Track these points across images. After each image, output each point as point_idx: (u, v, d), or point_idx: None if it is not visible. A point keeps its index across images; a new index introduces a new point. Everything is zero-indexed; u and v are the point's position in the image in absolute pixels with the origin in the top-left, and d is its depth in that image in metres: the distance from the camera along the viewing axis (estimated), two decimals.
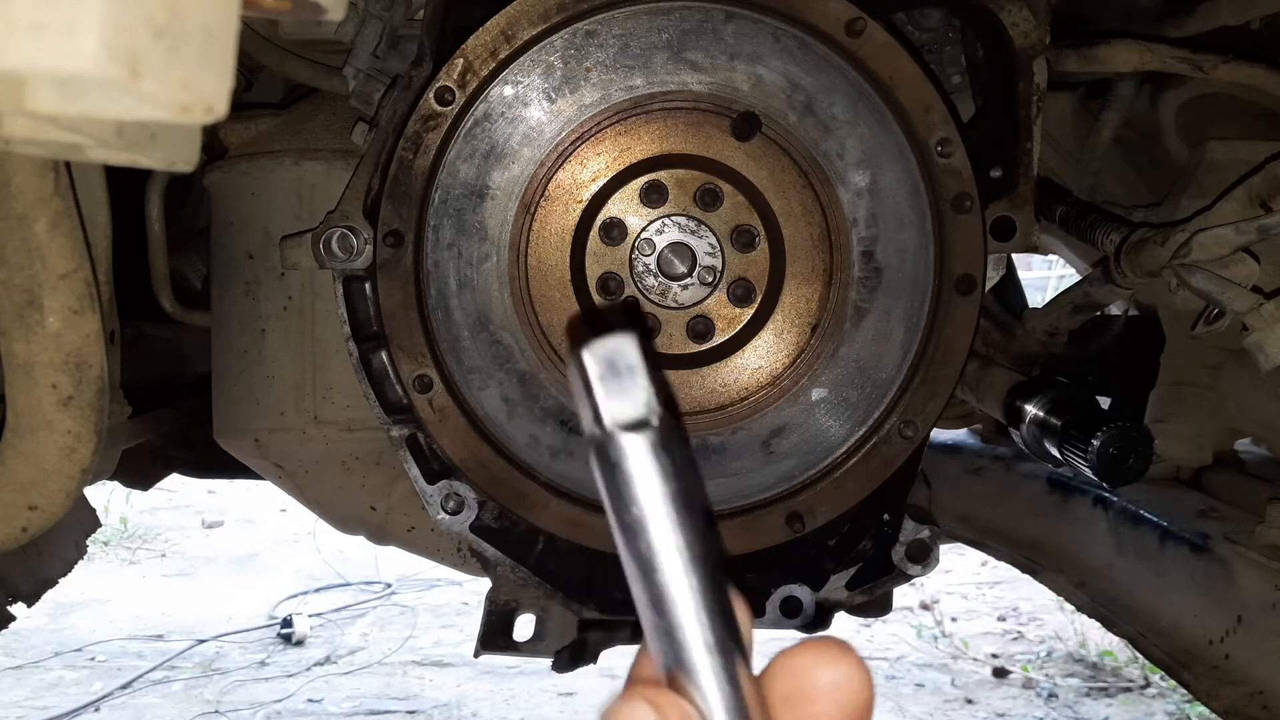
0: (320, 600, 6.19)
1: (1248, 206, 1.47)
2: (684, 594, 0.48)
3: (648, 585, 0.49)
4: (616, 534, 0.49)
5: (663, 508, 0.48)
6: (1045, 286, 6.93)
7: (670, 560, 0.48)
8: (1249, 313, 1.39)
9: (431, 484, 1.35)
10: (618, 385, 0.48)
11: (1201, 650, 1.76)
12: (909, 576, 1.37)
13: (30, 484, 1.40)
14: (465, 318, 1.30)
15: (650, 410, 0.48)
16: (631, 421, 0.48)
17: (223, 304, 1.75)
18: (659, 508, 0.48)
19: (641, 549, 0.48)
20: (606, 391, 0.48)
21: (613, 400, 0.48)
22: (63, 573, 2.46)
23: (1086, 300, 1.68)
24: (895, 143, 1.28)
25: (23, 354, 1.34)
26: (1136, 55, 1.56)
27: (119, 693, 4.97)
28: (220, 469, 2.22)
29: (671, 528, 0.48)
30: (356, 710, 4.82)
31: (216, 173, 1.74)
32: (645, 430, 0.48)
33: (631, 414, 0.48)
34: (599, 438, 0.48)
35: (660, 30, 1.26)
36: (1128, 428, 1.27)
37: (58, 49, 0.51)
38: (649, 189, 1.30)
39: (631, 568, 0.49)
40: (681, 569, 0.48)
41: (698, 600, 0.48)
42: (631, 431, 0.48)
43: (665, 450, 0.48)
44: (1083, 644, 5.35)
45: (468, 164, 1.27)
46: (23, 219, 1.28)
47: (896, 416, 1.31)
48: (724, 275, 1.31)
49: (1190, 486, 2.09)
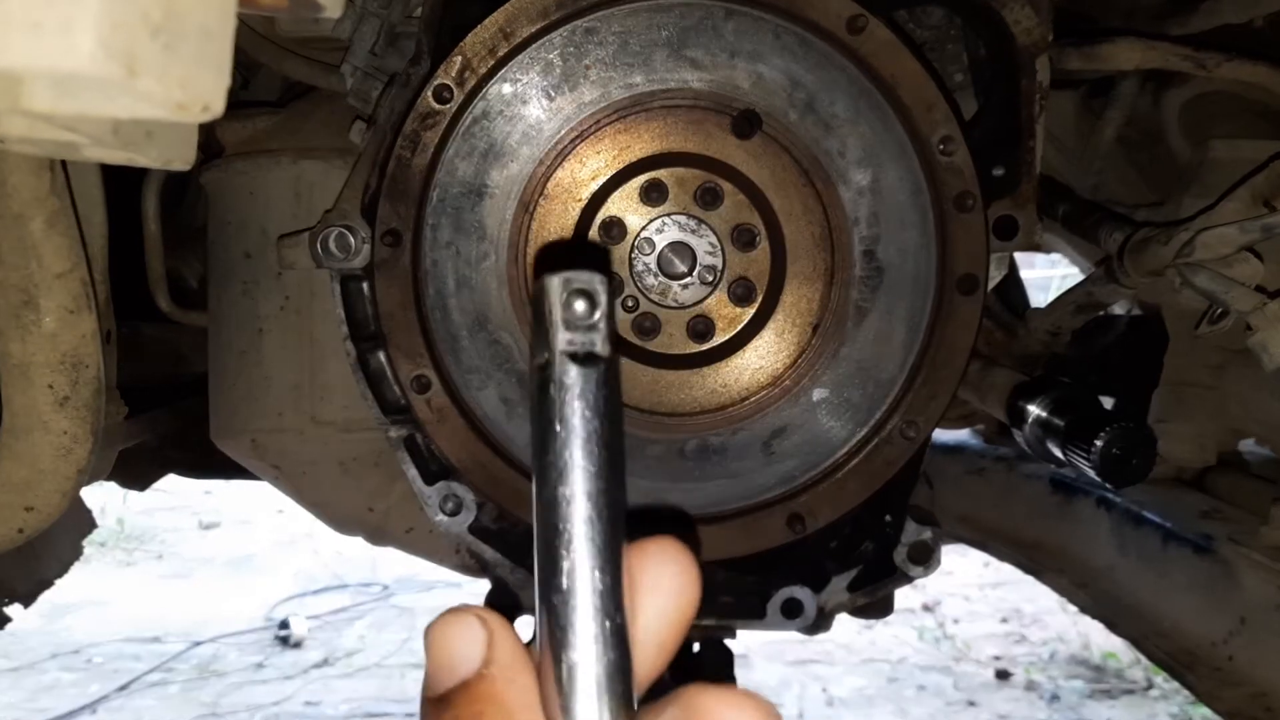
0: (318, 602, 6.18)
1: (1251, 205, 1.47)
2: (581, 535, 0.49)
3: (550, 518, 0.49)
4: (534, 465, 0.50)
5: (586, 444, 0.49)
6: (1048, 286, 6.92)
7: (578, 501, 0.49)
8: (1252, 312, 1.38)
9: (430, 485, 1.34)
10: (577, 316, 0.49)
11: (1204, 652, 1.75)
12: (911, 578, 1.36)
13: (26, 485, 1.40)
14: (464, 317, 1.29)
15: (603, 347, 0.49)
16: (582, 353, 0.49)
17: (220, 304, 1.74)
18: (584, 443, 0.49)
19: (555, 482, 0.49)
20: (565, 319, 0.49)
21: (569, 329, 0.49)
22: (59, 574, 2.46)
23: (1089, 300, 1.67)
24: (897, 141, 1.27)
25: (19, 354, 1.33)
26: (1139, 53, 1.56)
27: (116, 695, 4.96)
28: (217, 470, 2.21)
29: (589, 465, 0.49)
30: (354, 713, 4.81)
31: (213, 171, 1.73)
32: (593, 364, 0.49)
33: (584, 346, 0.49)
34: (544, 362, 0.50)
35: (660, 27, 1.25)
36: (1130, 428, 1.27)
37: (54, 47, 0.51)
38: (649, 188, 1.29)
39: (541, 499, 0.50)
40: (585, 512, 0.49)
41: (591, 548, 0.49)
42: (579, 364, 0.49)
43: (604, 389, 0.49)
44: (1085, 646, 5.35)
45: (466, 162, 1.27)
46: (18, 218, 1.27)
47: (898, 417, 1.30)
48: (724, 274, 1.30)
49: (1193, 487, 2.09)
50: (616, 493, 0.50)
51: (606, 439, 0.49)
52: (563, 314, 0.49)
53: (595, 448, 0.49)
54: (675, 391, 1.31)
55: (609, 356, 0.50)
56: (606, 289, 0.50)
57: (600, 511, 0.49)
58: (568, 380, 0.49)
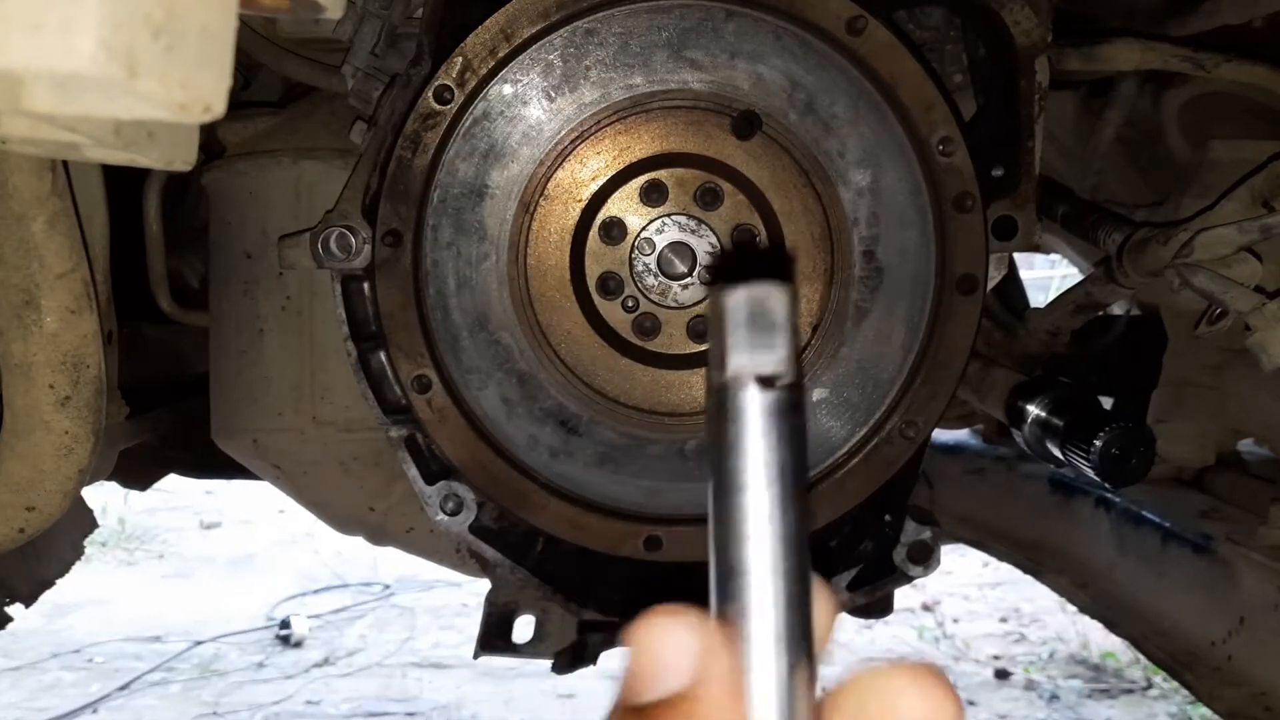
0: (319, 601, 6.18)
1: (1250, 206, 1.47)
2: (764, 574, 0.45)
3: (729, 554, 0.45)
4: (712, 490, 0.46)
5: (767, 473, 0.45)
6: (1047, 286, 6.93)
7: (760, 534, 0.45)
8: (1251, 312, 1.39)
9: (430, 485, 1.34)
10: (758, 336, 0.45)
11: (1204, 651, 1.75)
12: (910, 578, 1.37)
13: (28, 485, 1.40)
14: (464, 317, 1.29)
15: (785, 370, 0.45)
16: (764, 376, 0.45)
17: (221, 304, 1.74)
18: (764, 472, 0.45)
19: (733, 512, 0.45)
20: (747, 339, 0.45)
21: (750, 350, 0.45)
22: (60, 574, 2.46)
23: (1089, 300, 1.67)
24: (896, 141, 1.27)
25: (20, 354, 1.33)
26: (1138, 54, 1.56)
27: (117, 694, 4.96)
28: (218, 470, 2.21)
29: (771, 498, 0.45)
30: (355, 712, 4.81)
31: (214, 172, 1.73)
32: (774, 389, 0.45)
33: (765, 369, 0.45)
34: (723, 383, 0.46)
35: (660, 28, 1.25)
36: (1130, 428, 1.27)
37: (55, 48, 0.51)
38: (649, 188, 1.29)
39: (718, 530, 0.46)
40: (769, 546, 0.45)
41: (777, 584, 0.45)
42: (761, 387, 0.45)
43: (788, 414, 0.45)
44: (1085, 645, 5.35)
45: (467, 163, 1.27)
46: (20, 218, 1.27)
47: (898, 417, 1.30)
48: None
49: (1192, 487, 2.09)
50: (802, 532, 0.45)
51: (793, 471, 0.45)
52: (744, 332, 0.45)
53: (779, 481, 0.45)
54: (675, 391, 1.31)
55: (794, 380, 0.46)
56: (789, 304, 0.46)
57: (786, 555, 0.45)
58: (749, 405, 0.45)
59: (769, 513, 0.45)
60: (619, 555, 1.31)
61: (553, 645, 1.51)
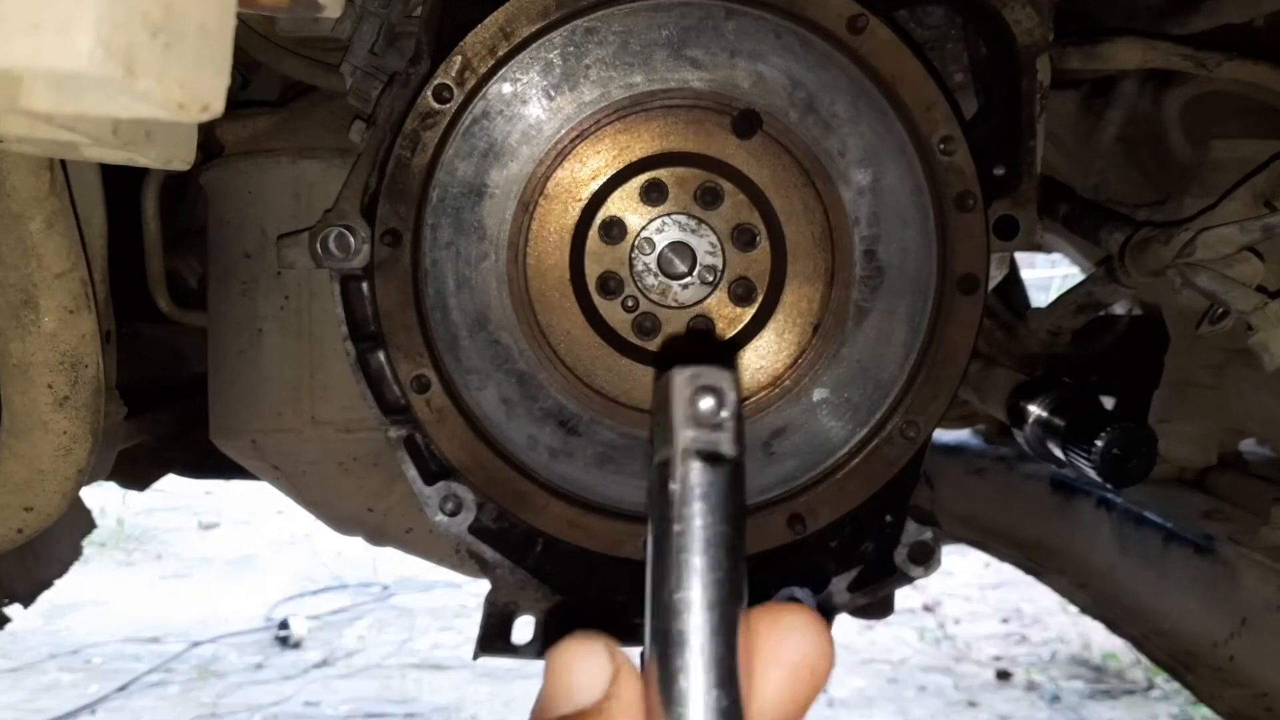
0: (317, 602, 6.18)
1: (1252, 205, 1.46)
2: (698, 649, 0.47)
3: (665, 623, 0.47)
4: (650, 557, 0.49)
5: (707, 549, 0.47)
6: (1049, 286, 6.92)
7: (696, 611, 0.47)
8: (1253, 312, 1.38)
9: (429, 485, 1.34)
10: (704, 413, 0.47)
11: (1205, 652, 1.75)
12: (911, 578, 1.36)
13: (26, 485, 1.39)
14: (463, 317, 1.29)
15: (730, 447, 0.47)
16: (707, 452, 0.47)
17: (219, 304, 1.74)
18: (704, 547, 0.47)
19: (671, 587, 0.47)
20: (692, 415, 0.47)
21: (696, 426, 0.47)
22: (58, 574, 2.45)
23: (1090, 300, 1.67)
24: (897, 141, 1.27)
25: (18, 354, 1.33)
26: (1140, 53, 1.56)
27: (115, 695, 4.96)
28: (217, 470, 2.21)
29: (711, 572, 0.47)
30: (354, 713, 4.81)
31: (213, 171, 1.73)
32: (719, 464, 0.47)
33: (710, 445, 0.47)
34: (665, 459, 0.48)
35: (661, 27, 1.25)
36: (1131, 428, 1.27)
37: (53, 47, 0.51)
38: (649, 187, 1.29)
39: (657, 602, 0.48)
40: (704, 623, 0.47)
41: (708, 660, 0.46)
42: (705, 462, 0.47)
43: (730, 491, 0.47)
44: (1086, 646, 5.35)
45: (466, 162, 1.26)
46: (18, 218, 1.27)
47: (899, 417, 1.30)
48: (724, 274, 1.30)
49: (1194, 487, 2.09)
50: (736, 603, 0.47)
51: (730, 544, 0.47)
52: (689, 410, 0.47)
53: (717, 553, 0.47)
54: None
55: (735, 457, 0.47)
56: (735, 387, 0.48)
57: (720, 624, 0.46)
58: (691, 480, 0.47)
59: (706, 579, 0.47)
60: (619, 556, 1.31)
61: None
